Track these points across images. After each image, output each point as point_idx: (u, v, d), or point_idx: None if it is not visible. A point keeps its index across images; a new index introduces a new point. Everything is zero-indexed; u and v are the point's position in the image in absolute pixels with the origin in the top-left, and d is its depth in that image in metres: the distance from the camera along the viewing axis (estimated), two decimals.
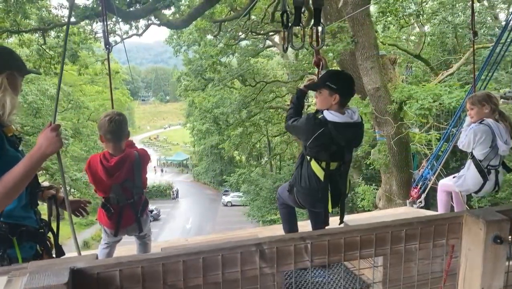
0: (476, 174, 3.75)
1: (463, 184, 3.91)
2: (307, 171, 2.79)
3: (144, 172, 3.12)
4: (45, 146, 1.83)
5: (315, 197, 2.83)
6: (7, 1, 11.27)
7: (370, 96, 10.31)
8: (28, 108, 21.74)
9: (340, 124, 2.62)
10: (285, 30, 2.21)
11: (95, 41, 16.23)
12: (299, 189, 2.87)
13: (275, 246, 1.42)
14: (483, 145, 3.59)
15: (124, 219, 3.09)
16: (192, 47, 23.69)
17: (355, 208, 18.31)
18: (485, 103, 3.63)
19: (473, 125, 3.68)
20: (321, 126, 2.60)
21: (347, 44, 9.85)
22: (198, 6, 12.26)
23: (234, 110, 24.56)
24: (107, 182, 2.97)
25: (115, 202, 3.04)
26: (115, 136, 2.92)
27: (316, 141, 2.63)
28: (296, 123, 2.77)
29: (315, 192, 2.80)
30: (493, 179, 3.76)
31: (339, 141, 2.65)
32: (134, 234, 3.28)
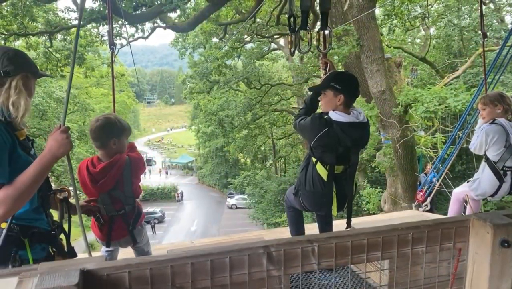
0: (492, 176, 3.56)
1: (478, 188, 3.70)
2: (312, 173, 2.74)
3: (136, 180, 2.81)
4: (56, 148, 1.84)
5: (320, 201, 2.78)
6: (15, 4, 11.37)
7: (375, 99, 10.30)
8: (34, 110, 21.87)
9: (345, 124, 2.56)
10: (292, 34, 2.21)
11: (101, 44, 16.32)
12: (304, 193, 2.83)
13: (282, 249, 1.43)
14: (497, 145, 3.44)
15: (115, 230, 2.80)
16: (198, 49, 23.78)
17: (360, 211, 18.24)
18: (497, 103, 3.50)
19: (484, 126, 3.53)
20: (326, 126, 2.55)
21: (353, 47, 9.84)
22: (203, 9, 12.30)
23: (239, 112, 24.61)
24: (92, 190, 2.70)
25: (104, 212, 2.73)
26: (98, 142, 2.69)
27: (319, 141, 2.57)
28: (303, 122, 2.72)
29: (320, 195, 2.74)
30: (509, 180, 3.54)
31: (345, 142, 2.59)
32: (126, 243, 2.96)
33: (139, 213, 2.87)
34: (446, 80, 15.17)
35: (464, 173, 17.30)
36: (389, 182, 13.29)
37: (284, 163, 37.35)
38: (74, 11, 13.04)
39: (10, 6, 11.67)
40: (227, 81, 22.09)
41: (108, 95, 36.93)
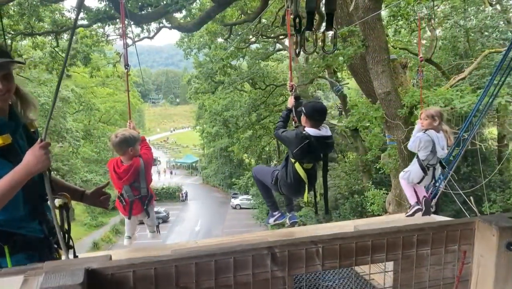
0: (419, 169, 4.71)
1: (409, 177, 4.87)
2: (292, 170, 3.70)
3: (148, 174, 3.78)
4: (33, 164, 1.73)
5: (298, 190, 3.87)
6: (22, 4, 11.45)
7: (380, 100, 10.26)
8: (40, 110, 21.97)
9: (319, 137, 3.60)
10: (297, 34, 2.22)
11: (106, 44, 16.39)
12: (284, 184, 3.85)
13: (286, 250, 1.43)
14: (425, 149, 4.56)
15: (135, 209, 3.88)
16: (203, 50, 23.83)
17: (365, 212, 18.20)
18: (437, 119, 4.52)
19: (419, 134, 4.61)
20: (306, 139, 3.52)
21: (358, 48, 9.81)
22: (209, 9, 12.33)
23: (244, 113, 24.63)
24: (118, 184, 3.69)
25: (126, 197, 3.74)
26: (120, 152, 3.63)
27: (301, 150, 3.55)
28: (286, 135, 3.73)
29: (298, 186, 3.79)
30: (430, 173, 4.76)
31: (318, 149, 3.65)
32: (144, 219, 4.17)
33: (151, 196, 3.94)
34: (452, 82, 15.09)
35: (470, 175, 17.21)
36: (394, 183, 13.23)
37: None
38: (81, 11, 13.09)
39: (17, 6, 11.75)
40: (232, 81, 22.13)
41: (113, 95, 37.10)
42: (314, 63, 18.62)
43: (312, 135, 3.54)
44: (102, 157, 31.56)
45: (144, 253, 3.81)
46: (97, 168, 30.80)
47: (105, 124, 35.19)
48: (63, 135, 24.06)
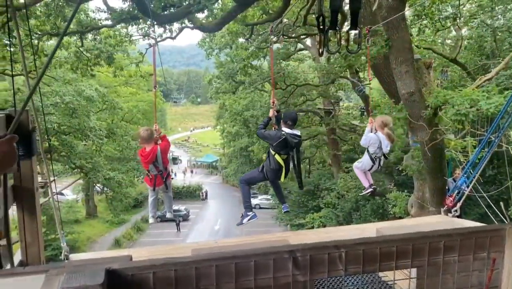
0: (369, 160, 6.23)
1: (362, 166, 6.42)
2: (273, 159, 5.20)
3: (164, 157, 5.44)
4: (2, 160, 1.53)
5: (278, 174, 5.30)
6: (48, 5, 11.69)
7: (404, 101, 10.08)
8: (65, 108, 22.45)
9: (292, 134, 5.05)
10: (321, 34, 2.18)
11: (130, 44, 16.59)
12: (268, 170, 5.32)
13: (308, 254, 1.40)
14: (373, 145, 6.05)
15: (157, 182, 5.55)
16: (224, 50, 23.89)
17: (386, 214, 17.93)
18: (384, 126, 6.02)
19: (370, 134, 6.09)
20: (283, 136, 4.98)
21: (381, 48, 9.66)
22: (231, 9, 12.35)
23: (264, 113, 24.56)
24: (145, 163, 5.44)
25: (151, 173, 5.47)
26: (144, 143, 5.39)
27: (279, 144, 5.02)
28: (269, 133, 5.22)
29: (278, 170, 5.25)
30: (377, 163, 6.25)
31: (291, 143, 5.03)
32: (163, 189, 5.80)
33: (168, 174, 5.67)
34: (478, 82, 14.71)
35: (495, 178, 16.76)
36: (416, 185, 12.99)
37: (308, 164, 37.09)
38: (104, 12, 13.29)
39: (43, 6, 12.00)
40: (253, 81, 22.10)
41: (136, 94, 37.59)
42: (336, 63, 18.48)
43: (287, 133, 5.07)
44: (124, 155, 32.00)
45: (164, 252, 3.83)
46: (120, 166, 31.25)
47: (128, 123, 35.67)
48: (86, 133, 24.47)
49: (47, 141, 23.76)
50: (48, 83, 22.77)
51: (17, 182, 2.34)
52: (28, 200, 2.38)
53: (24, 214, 2.36)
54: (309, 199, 25.63)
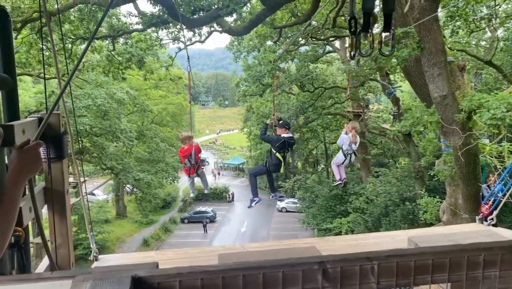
0: (342, 155, 7.77)
1: (336, 161, 8.00)
2: (274, 156, 6.95)
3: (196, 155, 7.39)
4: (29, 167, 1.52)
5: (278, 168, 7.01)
6: (82, 10, 12.03)
7: (436, 105, 9.80)
8: (97, 110, 23.02)
9: (288, 137, 6.84)
10: (352, 36, 2.12)
11: (160, 47, 16.85)
12: (270, 164, 7.10)
13: (339, 266, 1.34)
14: (345, 145, 7.63)
15: (191, 171, 7.49)
16: (252, 53, 23.96)
17: (416, 220, 17.49)
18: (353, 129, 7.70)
19: (344, 136, 7.70)
20: (282, 139, 6.76)
21: (413, 50, 9.42)
22: (259, 12, 12.36)
23: (291, 116, 24.46)
24: (182, 158, 7.38)
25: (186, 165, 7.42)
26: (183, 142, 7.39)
27: (279, 145, 6.76)
28: (272, 137, 7.14)
29: (278, 165, 6.95)
30: (348, 158, 7.76)
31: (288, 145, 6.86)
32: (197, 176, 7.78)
33: (199, 166, 7.51)
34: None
35: None
36: (449, 191, 12.60)
37: None
38: (135, 16, 13.58)
39: (77, 11, 12.35)
40: (280, 84, 22.06)
41: (165, 97, 38.21)
42: (366, 65, 18.21)
43: (285, 137, 6.89)
44: (154, 157, 32.54)
45: (191, 256, 3.83)
46: (149, 167, 31.80)
47: (158, 125, 36.29)
48: (117, 135, 25.01)
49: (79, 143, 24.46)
50: (80, 86, 23.44)
51: (48, 184, 2.38)
52: (58, 202, 2.41)
53: (55, 216, 2.40)
54: (336, 204, 25.29)
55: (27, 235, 2.06)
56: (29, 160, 1.52)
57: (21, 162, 1.49)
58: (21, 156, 1.50)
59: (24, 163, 1.50)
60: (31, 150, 1.53)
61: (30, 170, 1.53)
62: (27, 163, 1.51)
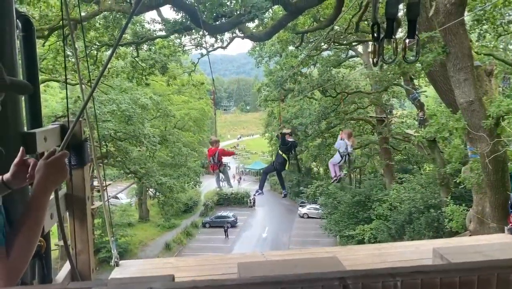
0: (339, 156, 9.45)
1: (334, 161, 9.68)
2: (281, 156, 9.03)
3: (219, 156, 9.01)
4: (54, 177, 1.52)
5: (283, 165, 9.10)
6: (107, 17, 12.28)
7: (462, 110, 9.56)
8: (121, 116, 23.41)
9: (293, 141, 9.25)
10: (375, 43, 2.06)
11: (183, 53, 17.03)
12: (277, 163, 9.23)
13: (360, 282, 1.29)
14: (342, 148, 9.30)
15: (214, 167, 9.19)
16: (274, 58, 23.97)
17: (442, 228, 17.06)
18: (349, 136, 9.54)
19: (341, 141, 9.36)
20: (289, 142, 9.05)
21: (438, 55, 9.24)
22: (281, 18, 12.35)
23: (313, 121, 24.32)
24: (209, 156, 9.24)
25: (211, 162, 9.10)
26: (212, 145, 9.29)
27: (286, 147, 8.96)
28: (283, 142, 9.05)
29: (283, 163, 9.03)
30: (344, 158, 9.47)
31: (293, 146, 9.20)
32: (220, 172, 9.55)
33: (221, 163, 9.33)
34: None
35: None
36: (475, 199, 12.25)
37: (359, 173, 36.20)
38: (159, 23, 13.76)
39: (102, 19, 12.62)
40: (302, 89, 21.97)
41: (188, 102, 38.59)
42: (389, 70, 17.96)
43: (290, 141, 8.99)
44: (176, 161, 32.84)
45: (210, 262, 3.81)
46: (172, 172, 32.09)
47: (180, 130, 36.64)
48: (141, 140, 25.35)
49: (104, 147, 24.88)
50: (105, 92, 23.89)
51: (69, 191, 2.41)
52: (79, 208, 2.43)
53: (75, 222, 2.42)
54: (359, 210, 24.93)
55: (49, 244, 2.07)
56: (55, 171, 1.51)
57: (47, 173, 1.49)
58: (47, 166, 1.50)
59: (50, 173, 1.50)
60: (57, 160, 1.52)
61: (56, 180, 1.54)
62: (53, 173, 1.51)
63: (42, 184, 1.48)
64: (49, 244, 2.08)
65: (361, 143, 28.78)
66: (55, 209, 2.18)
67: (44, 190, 1.48)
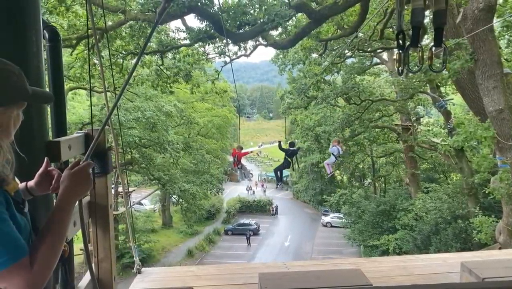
0: (333, 157, 13.24)
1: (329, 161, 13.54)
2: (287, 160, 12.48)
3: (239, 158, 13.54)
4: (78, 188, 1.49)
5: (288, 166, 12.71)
6: (132, 26, 12.52)
7: (491, 119, 9.29)
8: (146, 123, 23.79)
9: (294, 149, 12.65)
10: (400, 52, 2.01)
11: (206, 62, 17.19)
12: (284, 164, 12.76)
13: None
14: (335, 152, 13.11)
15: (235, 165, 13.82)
16: (297, 66, 23.94)
17: (470, 239, 16.56)
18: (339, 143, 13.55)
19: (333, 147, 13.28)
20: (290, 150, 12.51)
21: (466, 62, 9.02)
22: (304, 26, 12.33)
23: (337, 128, 24.09)
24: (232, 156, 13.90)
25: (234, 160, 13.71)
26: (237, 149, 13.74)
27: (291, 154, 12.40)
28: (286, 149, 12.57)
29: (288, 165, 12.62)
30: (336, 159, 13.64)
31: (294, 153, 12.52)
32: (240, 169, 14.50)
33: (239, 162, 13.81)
34: None
35: None
36: (505, 210, 11.84)
37: (384, 182, 35.60)
38: (183, 31, 13.94)
39: (128, 28, 12.88)
40: (325, 96, 21.83)
41: (211, 110, 38.93)
42: (415, 77, 17.66)
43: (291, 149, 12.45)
44: (199, 168, 33.08)
45: (231, 272, 3.79)
46: (194, 179, 32.35)
47: (203, 137, 36.95)
48: (165, 147, 25.68)
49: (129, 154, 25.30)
50: (131, 99, 24.34)
51: (92, 198, 2.43)
52: (101, 216, 2.46)
53: (97, 230, 2.44)
54: (384, 220, 24.48)
55: (71, 249, 2.09)
56: (79, 181, 1.50)
57: (71, 183, 1.48)
58: (72, 177, 1.48)
59: (74, 184, 1.48)
60: (82, 170, 1.51)
61: (80, 191, 1.52)
62: (78, 184, 1.49)
63: (66, 194, 1.47)
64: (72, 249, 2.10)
65: (386, 152, 28.34)
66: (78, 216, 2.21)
67: (68, 200, 1.46)
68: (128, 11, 11.93)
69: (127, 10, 11.92)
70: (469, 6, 8.86)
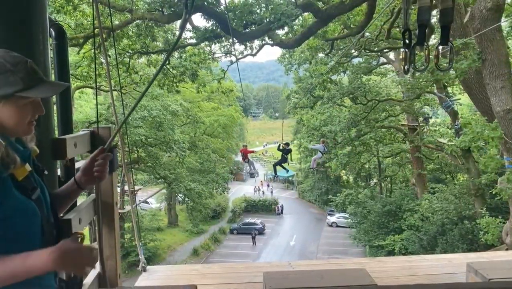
0: (320, 154, 17.56)
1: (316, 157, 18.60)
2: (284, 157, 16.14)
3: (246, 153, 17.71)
4: (60, 265, 1.30)
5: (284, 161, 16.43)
6: (139, 25, 12.58)
7: (499, 119, 9.23)
8: (152, 122, 23.87)
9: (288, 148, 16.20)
10: (406, 50, 2.00)
11: (212, 61, 17.22)
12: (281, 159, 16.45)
13: None
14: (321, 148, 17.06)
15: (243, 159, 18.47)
16: (303, 65, 23.89)
17: (476, 241, 16.45)
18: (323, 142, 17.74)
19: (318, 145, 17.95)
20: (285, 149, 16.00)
21: (473, 62, 8.97)
22: (311, 25, 12.31)
23: (343, 128, 24.00)
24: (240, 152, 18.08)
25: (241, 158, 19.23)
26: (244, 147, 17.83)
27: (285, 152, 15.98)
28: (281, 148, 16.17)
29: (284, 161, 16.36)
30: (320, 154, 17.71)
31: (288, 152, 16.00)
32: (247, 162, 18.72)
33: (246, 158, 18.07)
34: None
35: None
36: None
37: (390, 182, 35.45)
38: (189, 31, 13.97)
39: (135, 27, 12.94)
40: (332, 96, 21.78)
41: (217, 109, 39.00)
42: (422, 77, 17.57)
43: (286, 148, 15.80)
44: (205, 167, 33.12)
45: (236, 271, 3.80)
46: (200, 178, 32.41)
47: (209, 136, 37.01)
48: (171, 146, 25.75)
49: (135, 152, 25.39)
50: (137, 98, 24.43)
51: (97, 196, 2.44)
52: (107, 214, 2.47)
53: (103, 228, 2.45)
54: (390, 220, 24.37)
55: None
56: (72, 262, 1.32)
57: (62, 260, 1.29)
58: (66, 254, 1.29)
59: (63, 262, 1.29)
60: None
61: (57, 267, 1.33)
62: (67, 264, 1.31)
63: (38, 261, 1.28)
64: None
65: (392, 152, 28.21)
66: (84, 213, 2.22)
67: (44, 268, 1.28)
68: (134, 10, 11.98)
69: (134, 10, 11.96)
70: (477, 5, 8.81)
